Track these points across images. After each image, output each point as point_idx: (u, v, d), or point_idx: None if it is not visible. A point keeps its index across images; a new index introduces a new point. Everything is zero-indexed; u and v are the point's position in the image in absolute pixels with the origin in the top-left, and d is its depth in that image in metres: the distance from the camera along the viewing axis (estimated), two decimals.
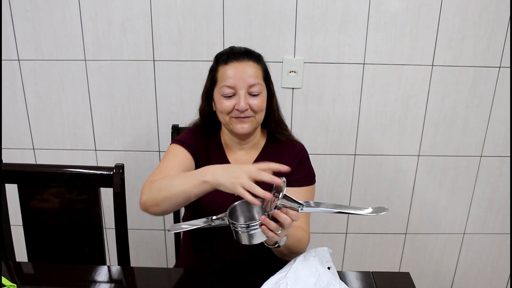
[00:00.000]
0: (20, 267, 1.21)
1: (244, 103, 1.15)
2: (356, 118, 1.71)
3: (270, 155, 1.27)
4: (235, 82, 1.15)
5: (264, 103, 1.20)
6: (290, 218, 0.95)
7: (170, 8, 1.57)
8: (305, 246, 1.19)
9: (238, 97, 1.16)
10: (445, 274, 2.00)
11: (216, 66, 1.21)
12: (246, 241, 0.97)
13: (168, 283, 1.16)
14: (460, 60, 1.63)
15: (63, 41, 1.62)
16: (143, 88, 1.68)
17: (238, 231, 0.97)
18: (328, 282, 1.00)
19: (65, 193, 1.35)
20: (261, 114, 1.21)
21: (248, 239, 0.97)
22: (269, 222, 0.94)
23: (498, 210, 1.88)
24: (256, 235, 0.96)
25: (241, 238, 0.98)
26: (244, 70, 1.16)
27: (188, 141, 1.25)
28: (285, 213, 0.94)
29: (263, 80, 1.20)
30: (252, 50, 1.23)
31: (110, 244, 1.87)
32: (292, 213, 0.95)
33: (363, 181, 1.81)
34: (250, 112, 1.18)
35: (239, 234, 0.97)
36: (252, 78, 1.16)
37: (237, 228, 0.97)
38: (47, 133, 1.76)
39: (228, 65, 1.17)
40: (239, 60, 1.17)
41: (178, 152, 1.23)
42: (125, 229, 1.36)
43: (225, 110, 1.18)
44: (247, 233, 0.96)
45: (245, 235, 0.97)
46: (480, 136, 1.75)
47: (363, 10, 1.57)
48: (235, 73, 1.16)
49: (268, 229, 0.95)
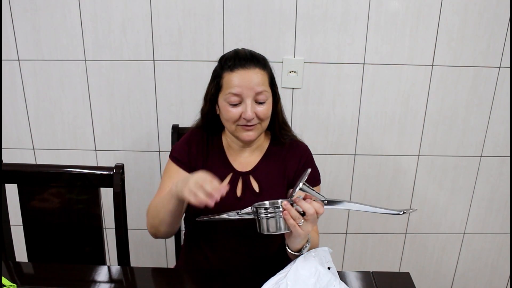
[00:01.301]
0: (20, 267, 1.21)
1: (251, 112, 1.13)
2: (356, 118, 1.71)
3: (274, 157, 1.27)
4: (242, 90, 1.13)
5: (270, 109, 1.19)
6: (313, 208, 0.95)
7: (170, 8, 1.57)
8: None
9: (244, 106, 1.14)
10: (445, 274, 2.00)
11: (221, 71, 1.18)
12: (268, 229, 0.96)
13: (168, 283, 1.16)
14: (460, 60, 1.63)
15: (63, 41, 1.62)
16: (143, 88, 1.68)
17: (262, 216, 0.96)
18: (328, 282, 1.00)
19: (65, 193, 1.35)
20: (267, 121, 1.20)
21: (271, 225, 0.96)
22: (290, 208, 0.94)
23: (498, 210, 1.88)
24: (278, 222, 0.95)
25: (263, 225, 0.96)
26: (251, 78, 1.13)
27: (181, 156, 1.25)
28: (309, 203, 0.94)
29: (269, 86, 1.18)
30: (257, 54, 1.20)
31: (110, 244, 1.87)
32: (316, 204, 0.95)
33: (363, 181, 1.81)
34: (256, 120, 1.16)
35: (261, 220, 0.96)
36: (258, 86, 1.14)
37: (261, 213, 0.96)
38: (47, 133, 1.76)
39: (234, 72, 1.14)
40: (245, 67, 1.14)
41: (173, 172, 1.25)
42: (125, 229, 1.36)
43: (232, 118, 1.16)
44: (269, 219, 0.95)
45: (267, 222, 0.95)
46: (480, 136, 1.75)
47: (363, 10, 1.57)
48: (241, 81, 1.13)
49: (290, 217, 0.94)
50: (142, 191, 1.84)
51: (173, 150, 1.29)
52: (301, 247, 1.06)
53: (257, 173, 1.24)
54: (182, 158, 1.25)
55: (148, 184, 1.83)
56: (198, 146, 1.27)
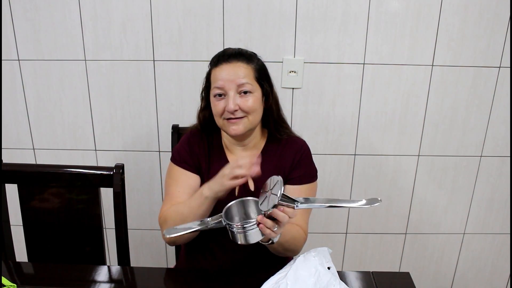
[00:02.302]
0: (20, 267, 1.21)
1: (232, 104, 1.15)
2: (356, 118, 1.71)
3: (270, 155, 1.27)
4: (224, 83, 1.16)
5: (256, 103, 1.19)
6: (287, 215, 0.95)
7: (170, 8, 1.57)
8: (300, 244, 1.19)
9: (227, 98, 1.16)
10: (445, 274, 2.00)
11: (210, 69, 1.23)
12: (243, 241, 0.98)
13: (168, 283, 1.16)
14: (460, 60, 1.63)
15: (63, 41, 1.62)
16: (143, 88, 1.68)
17: (234, 231, 0.97)
18: (328, 282, 1.00)
19: (65, 193, 1.35)
20: (255, 115, 1.20)
21: (245, 238, 0.97)
22: (266, 221, 0.95)
23: (498, 210, 1.88)
24: (252, 235, 0.97)
25: (237, 238, 0.98)
26: (233, 71, 1.17)
27: (184, 157, 1.26)
28: (282, 210, 0.95)
29: (254, 80, 1.19)
30: (245, 51, 1.22)
31: (110, 244, 1.87)
32: (289, 210, 0.96)
33: (363, 181, 1.81)
34: (240, 112, 1.17)
35: (235, 234, 0.97)
36: (240, 78, 1.16)
37: (233, 228, 0.97)
38: (47, 133, 1.76)
39: (218, 67, 1.19)
40: (229, 61, 1.18)
41: (179, 175, 1.25)
42: (125, 229, 1.36)
43: (217, 112, 1.19)
44: (243, 233, 0.96)
45: (241, 235, 0.97)
46: (480, 136, 1.75)
47: (363, 10, 1.57)
48: (223, 75, 1.17)
49: (265, 227, 0.95)
50: (142, 191, 1.84)
51: (174, 153, 1.29)
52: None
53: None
54: (186, 159, 1.25)
55: (148, 184, 1.83)
56: (199, 145, 1.27)
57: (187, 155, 1.26)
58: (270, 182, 0.99)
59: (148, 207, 1.86)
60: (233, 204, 1.03)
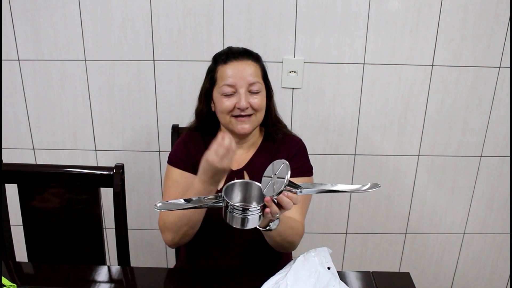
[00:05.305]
0: (20, 267, 1.21)
1: (245, 102, 1.15)
2: (356, 118, 1.71)
3: (266, 152, 1.27)
4: (235, 80, 1.16)
5: (264, 101, 1.21)
6: (292, 202, 0.95)
7: (170, 8, 1.57)
8: (298, 235, 1.17)
9: (238, 96, 1.16)
10: (445, 274, 2.00)
11: (214, 66, 1.22)
12: (239, 225, 0.94)
13: (168, 283, 1.16)
14: (460, 60, 1.63)
15: (63, 41, 1.62)
16: (143, 88, 1.68)
17: (234, 213, 0.93)
18: (328, 282, 1.00)
19: (65, 193, 1.35)
20: (261, 113, 1.21)
21: (241, 222, 0.93)
22: (272, 205, 0.94)
23: (498, 210, 1.88)
24: (250, 220, 0.94)
25: (233, 220, 0.94)
26: (244, 69, 1.17)
27: (181, 159, 1.25)
28: (286, 196, 0.94)
29: (262, 79, 1.21)
30: (251, 50, 1.24)
31: (110, 244, 1.87)
32: (293, 196, 0.95)
33: (363, 181, 1.81)
34: (250, 110, 1.18)
35: (233, 216, 0.93)
36: (252, 76, 1.17)
37: (233, 211, 0.93)
38: (47, 133, 1.76)
39: (227, 65, 1.18)
40: (238, 59, 1.18)
41: (177, 177, 1.24)
42: (125, 229, 1.36)
43: (226, 109, 1.18)
44: (243, 217, 0.93)
45: (239, 219, 0.93)
46: (480, 136, 1.75)
47: (363, 10, 1.57)
48: (235, 72, 1.16)
49: (270, 213, 0.94)
50: (142, 191, 1.84)
51: (171, 155, 1.28)
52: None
53: (250, 168, 1.25)
54: (183, 160, 1.25)
55: (148, 184, 1.83)
56: (195, 147, 1.27)
57: (184, 157, 1.25)
58: (273, 167, 0.96)
59: (148, 207, 1.86)
60: (236, 184, 0.99)
